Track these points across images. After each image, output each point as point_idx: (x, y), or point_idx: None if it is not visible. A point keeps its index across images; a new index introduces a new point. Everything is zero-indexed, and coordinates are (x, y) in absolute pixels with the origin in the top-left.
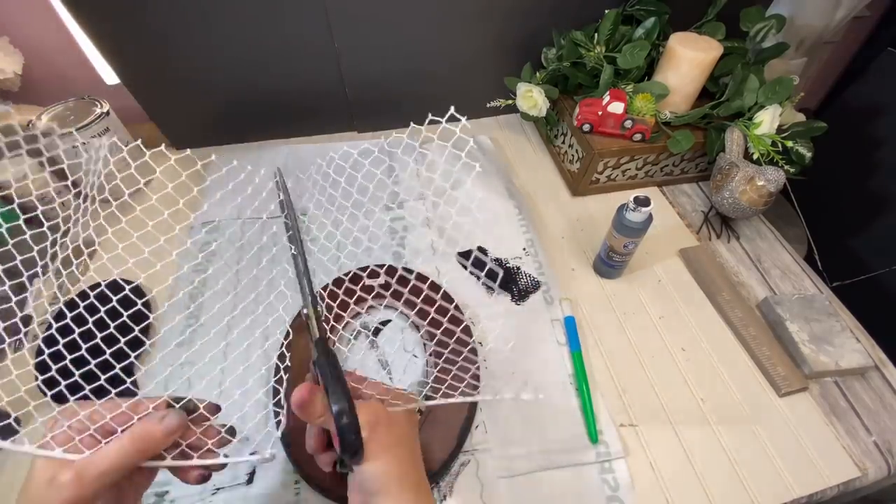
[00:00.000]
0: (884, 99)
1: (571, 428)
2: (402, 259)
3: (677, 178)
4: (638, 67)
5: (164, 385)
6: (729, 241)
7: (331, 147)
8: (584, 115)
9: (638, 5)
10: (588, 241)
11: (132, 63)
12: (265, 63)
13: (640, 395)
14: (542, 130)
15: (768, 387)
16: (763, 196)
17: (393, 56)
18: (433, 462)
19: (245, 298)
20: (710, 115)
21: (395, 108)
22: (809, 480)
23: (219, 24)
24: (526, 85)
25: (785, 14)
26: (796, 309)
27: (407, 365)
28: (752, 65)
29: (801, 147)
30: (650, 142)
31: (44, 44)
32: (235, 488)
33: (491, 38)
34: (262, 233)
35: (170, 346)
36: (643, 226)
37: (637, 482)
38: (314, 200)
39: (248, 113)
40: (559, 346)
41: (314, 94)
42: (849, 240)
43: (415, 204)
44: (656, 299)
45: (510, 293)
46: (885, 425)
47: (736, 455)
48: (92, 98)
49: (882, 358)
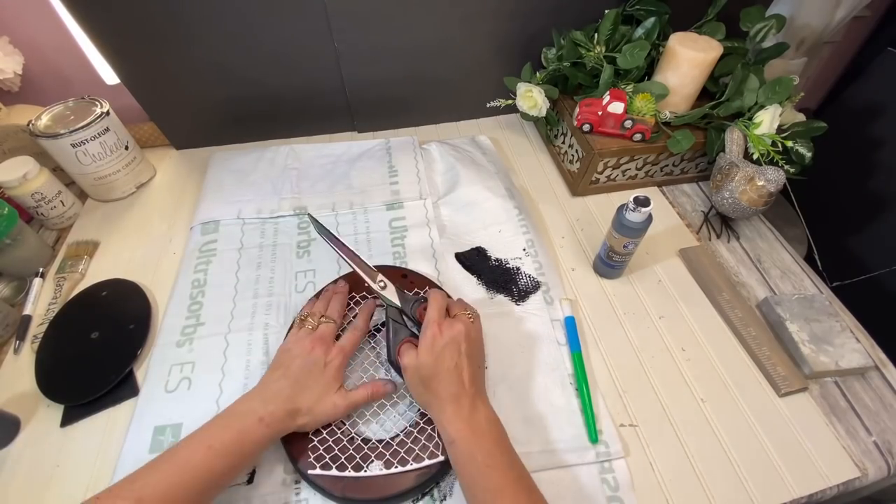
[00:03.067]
0: (884, 99)
1: (571, 428)
2: (402, 259)
3: (677, 178)
4: (638, 67)
5: (164, 385)
6: (729, 241)
7: (331, 147)
8: (584, 115)
9: (638, 5)
10: (588, 241)
11: (132, 63)
12: (265, 63)
13: (640, 395)
14: (542, 130)
15: (768, 387)
16: (763, 196)
17: (393, 56)
18: (433, 462)
19: (245, 298)
20: (710, 115)
21: (396, 107)
22: (809, 480)
23: (219, 24)
24: (526, 85)
25: (785, 14)
26: (796, 309)
27: None
28: (752, 65)
29: (801, 147)
30: (650, 142)
31: (44, 44)
32: (235, 488)
33: (491, 38)
34: (262, 233)
35: (170, 346)
36: (643, 226)
37: (637, 482)
38: (315, 200)
39: (248, 113)
40: (559, 346)
41: (314, 93)
42: (849, 240)
43: (415, 204)
44: (656, 299)
45: (510, 293)
46: (885, 425)
47: (736, 455)
48: (92, 98)
49: (882, 358)
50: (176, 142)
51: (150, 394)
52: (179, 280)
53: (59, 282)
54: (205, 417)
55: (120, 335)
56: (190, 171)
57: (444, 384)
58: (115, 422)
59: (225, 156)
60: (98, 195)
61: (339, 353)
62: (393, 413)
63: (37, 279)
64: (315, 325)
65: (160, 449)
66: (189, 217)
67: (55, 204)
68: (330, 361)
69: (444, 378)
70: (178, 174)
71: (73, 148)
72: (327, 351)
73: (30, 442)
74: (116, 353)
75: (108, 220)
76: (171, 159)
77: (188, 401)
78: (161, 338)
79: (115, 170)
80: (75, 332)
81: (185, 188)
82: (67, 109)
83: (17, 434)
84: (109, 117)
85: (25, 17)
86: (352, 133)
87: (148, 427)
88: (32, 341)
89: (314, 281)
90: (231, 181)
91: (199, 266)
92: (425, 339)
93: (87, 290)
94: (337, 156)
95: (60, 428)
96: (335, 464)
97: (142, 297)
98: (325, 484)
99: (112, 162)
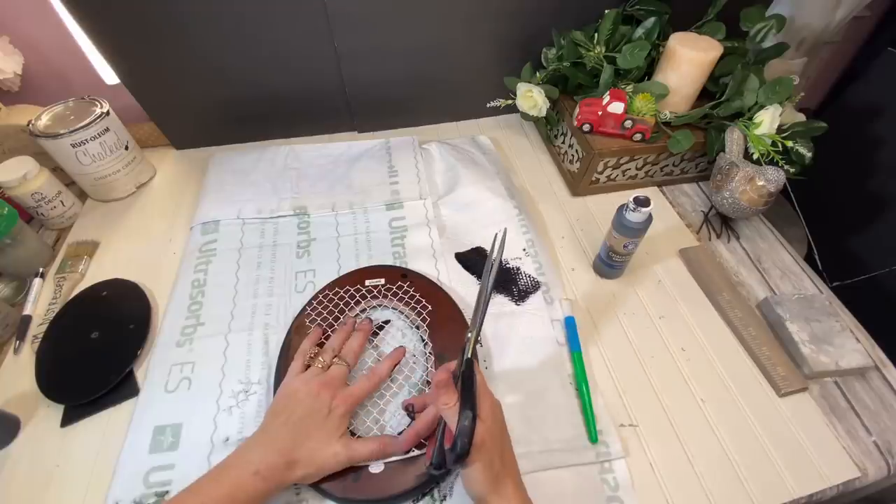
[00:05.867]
0: (884, 99)
1: (571, 428)
2: (402, 259)
3: (677, 178)
4: (638, 67)
5: (164, 385)
6: (729, 241)
7: (331, 147)
8: (584, 115)
9: (638, 5)
10: (588, 241)
11: (132, 63)
12: (265, 63)
13: (640, 395)
14: (542, 130)
15: (768, 387)
16: (763, 196)
17: (393, 56)
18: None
19: (245, 298)
20: (710, 115)
21: (396, 107)
22: (809, 480)
23: (219, 24)
24: (526, 85)
25: (785, 14)
26: (796, 309)
27: (406, 365)
28: (752, 65)
29: (801, 147)
30: (650, 142)
31: (44, 44)
32: None
33: (491, 38)
34: (261, 233)
35: (170, 346)
36: (643, 226)
37: (637, 482)
38: (314, 200)
39: (248, 113)
40: (559, 346)
41: (314, 93)
42: (849, 240)
43: (415, 204)
44: (656, 299)
45: (510, 293)
46: (885, 425)
47: (736, 455)
48: (92, 98)
49: (882, 358)
50: (176, 142)
51: (150, 394)
52: (179, 280)
53: (59, 282)
54: (205, 417)
55: (120, 335)
56: (190, 171)
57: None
58: (115, 422)
59: (225, 156)
60: (98, 195)
61: (346, 400)
62: (392, 413)
63: (37, 279)
64: (326, 365)
65: (160, 449)
66: (189, 217)
67: (55, 204)
68: (335, 408)
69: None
70: (178, 174)
71: (73, 148)
72: (334, 396)
73: (30, 442)
74: (116, 353)
75: (108, 220)
76: (171, 159)
77: (188, 401)
78: (161, 338)
79: (115, 170)
80: (75, 332)
81: (185, 188)
82: (67, 109)
83: (17, 434)
84: (109, 117)
85: (25, 17)
86: (352, 133)
87: (148, 427)
88: (32, 341)
89: (314, 281)
90: (231, 181)
91: (199, 266)
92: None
93: (87, 290)
94: (337, 156)
95: (60, 428)
96: None
97: (142, 297)
98: (326, 484)
99: (112, 162)
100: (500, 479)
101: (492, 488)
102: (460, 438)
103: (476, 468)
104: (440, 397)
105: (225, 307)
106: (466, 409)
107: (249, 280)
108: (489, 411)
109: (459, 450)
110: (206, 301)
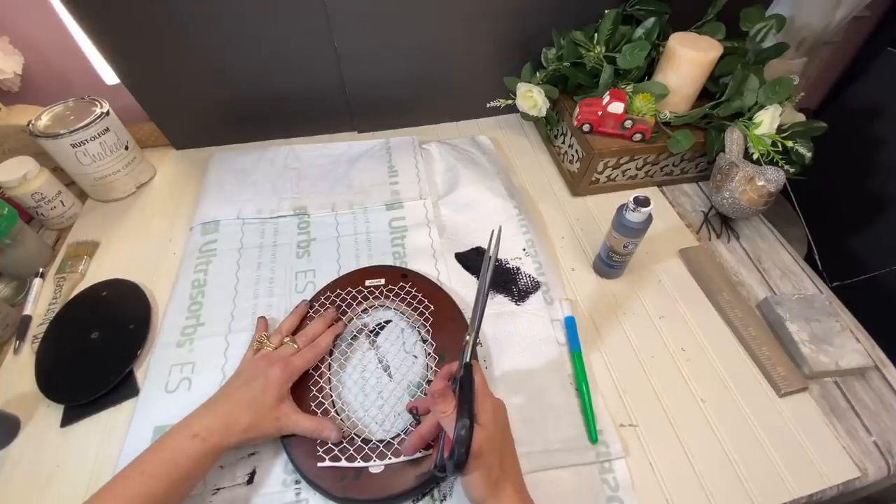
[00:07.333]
0: (884, 99)
1: (571, 428)
2: (402, 259)
3: (677, 178)
4: (638, 67)
5: (165, 385)
6: (729, 241)
7: (331, 147)
8: (584, 115)
9: (638, 5)
10: (588, 241)
11: (132, 63)
12: (265, 63)
13: (640, 395)
14: (542, 130)
15: (768, 387)
16: (763, 196)
17: (393, 56)
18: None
19: (245, 299)
20: (710, 115)
21: (396, 107)
22: (809, 480)
23: (219, 24)
24: (526, 85)
25: (785, 14)
26: (796, 309)
27: (407, 365)
28: (752, 65)
29: (801, 147)
30: (650, 142)
31: (44, 44)
32: (235, 488)
33: (491, 38)
34: (262, 233)
35: (170, 347)
36: (643, 226)
37: (637, 482)
38: (315, 200)
39: (248, 113)
40: (559, 346)
41: (314, 94)
42: (849, 240)
43: (415, 204)
44: (656, 299)
45: (510, 293)
46: (885, 425)
47: (736, 455)
48: (92, 98)
49: (882, 358)
50: (176, 142)
51: (150, 394)
52: (179, 280)
53: (59, 282)
54: None
55: (120, 335)
56: (190, 171)
57: (511, 460)
58: (115, 422)
59: (225, 156)
60: (98, 195)
61: (286, 368)
62: (393, 413)
63: (37, 279)
64: (276, 346)
65: None
66: (189, 217)
67: (55, 204)
68: (273, 375)
69: (512, 454)
70: (178, 174)
71: (72, 148)
72: (273, 364)
73: (30, 442)
74: (116, 353)
75: (108, 220)
76: (171, 159)
77: (188, 401)
78: (161, 338)
79: (115, 170)
80: (75, 333)
81: (185, 188)
82: (67, 109)
83: (17, 434)
84: (109, 117)
85: (25, 17)
86: (352, 133)
87: (148, 427)
88: (32, 341)
89: (314, 281)
90: (231, 181)
91: (199, 266)
92: (486, 411)
93: (87, 290)
94: (337, 156)
95: (60, 428)
96: (344, 455)
97: (142, 297)
98: (326, 484)
99: (112, 162)
100: (498, 485)
101: (490, 493)
102: (457, 448)
103: (474, 475)
104: (437, 406)
105: (225, 307)
106: (464, 416)
107: (249, 280)
108: (489, 415)
109: (456, 459)
110: (206, 301)
